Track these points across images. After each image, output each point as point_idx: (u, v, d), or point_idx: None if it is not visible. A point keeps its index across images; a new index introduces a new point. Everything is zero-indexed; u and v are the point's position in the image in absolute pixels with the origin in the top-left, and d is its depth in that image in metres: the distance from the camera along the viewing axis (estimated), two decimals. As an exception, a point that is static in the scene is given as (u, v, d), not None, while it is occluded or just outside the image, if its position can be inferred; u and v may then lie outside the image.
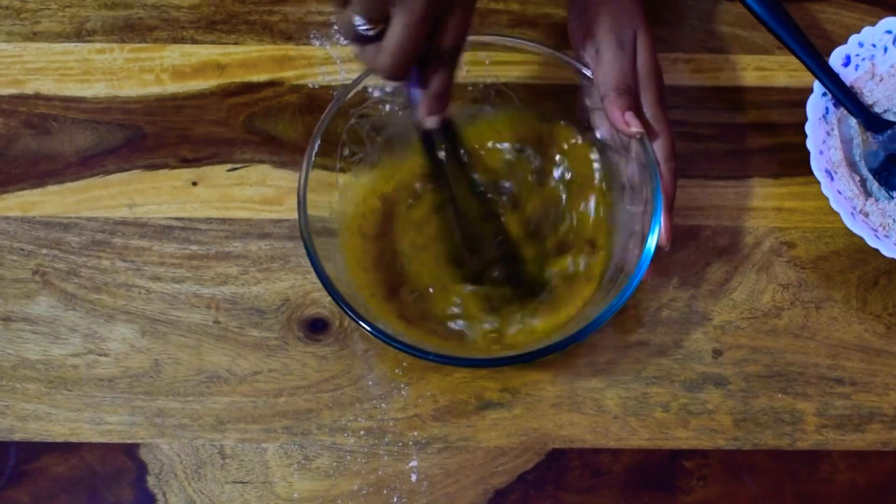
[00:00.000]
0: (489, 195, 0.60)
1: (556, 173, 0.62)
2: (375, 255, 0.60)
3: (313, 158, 0.57)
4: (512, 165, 0.62)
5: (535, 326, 0.59)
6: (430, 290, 0.59)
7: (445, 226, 0.61)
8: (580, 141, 0.62)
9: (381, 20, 0.47)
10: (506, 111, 0.63)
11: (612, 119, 0.58)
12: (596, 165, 0.61)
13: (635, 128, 0.57)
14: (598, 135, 0.60)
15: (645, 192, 0.56)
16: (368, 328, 0.53)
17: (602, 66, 0.59)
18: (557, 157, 0.62)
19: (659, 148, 0.58)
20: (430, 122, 0.53)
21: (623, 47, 0.59)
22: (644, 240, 0.55)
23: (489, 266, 0.59)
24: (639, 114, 0.58)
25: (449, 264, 0.60)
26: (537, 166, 0.62)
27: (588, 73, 0.59)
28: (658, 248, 0.55)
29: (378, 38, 0.48)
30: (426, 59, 0.50)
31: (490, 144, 0.63)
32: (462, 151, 0.57)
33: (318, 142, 0.58)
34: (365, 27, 0.48)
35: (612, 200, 0.60)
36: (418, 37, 0.48)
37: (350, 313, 0.53)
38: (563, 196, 0.61)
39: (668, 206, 0.57)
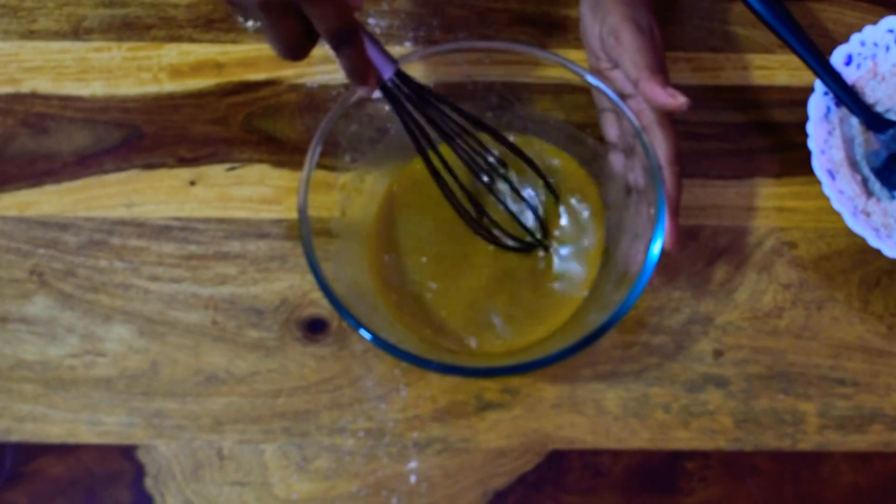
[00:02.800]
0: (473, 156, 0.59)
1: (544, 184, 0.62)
2: (379, 255, 0.60)
3: (314, 162, 0.57)
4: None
5: (537, 329, 0.59)
6: (434, 291, 0.59)
7: (448, 224, 0.61)
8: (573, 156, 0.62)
9: (254, 16, 0.51)
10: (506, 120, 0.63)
11: (653, 98, 0.57)
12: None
13: (682, 98, 0.56)
14: (607, 137, 0.60)
15: (649, 196, 0.56)
16: (369, 336, 0.53)
17: (627, 50, 0.58)
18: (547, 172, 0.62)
19: (663, 152, 0.57)
20: (360, 94, 0.56)
21: (643, 32, 0.59)
22: (648, 244, 0.55)
23: (488, 227, 0.60)
24: (642, 115, 0.58)
25: (454, 265, 0.60)
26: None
27: (591, 78, 0.59)
28: (663, 248, 0.55)
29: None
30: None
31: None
32: (429, 102, 0.57)
33: (320, 147, 0.57)
34: (249, 23, 0.52)
35: (615, 205, 0.60)
36: (282, 24, 0.50)
37: (350, 320, 0.53)
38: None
39: (672, 210, 0.57)
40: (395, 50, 0.69)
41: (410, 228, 0.61)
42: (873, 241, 0.59)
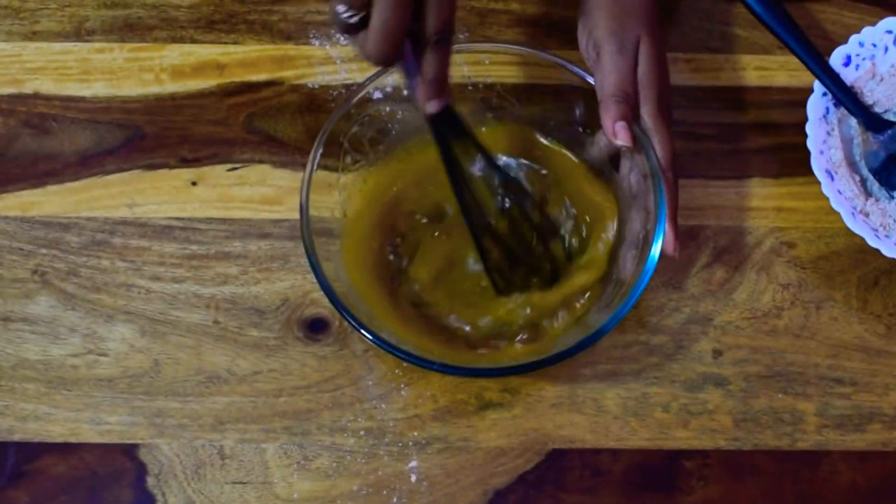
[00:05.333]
0: (499, 190, 0.59)
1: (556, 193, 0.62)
2: (375, 256, 0.60)
3: (316, 163, 0.57)
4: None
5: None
6: (431, 295, 0.59)
7: (448, 226, 0.61)
8: (576, 158, 0.62)
9: (363, 6, 0.48)
10: (507, 121, 0.63)
11: (603, 127, 0.57)
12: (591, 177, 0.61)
13: (622, 140, 0.56)
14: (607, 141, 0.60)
15: (648, 201, 0.56)
16: (370, 337, 0.53)
17: (600, 70, 0.59)
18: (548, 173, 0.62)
19: (657, 158, 0.57)
20: (431, 108, 0.52)
21: (624, 52, 0.58)
22: (648, 247, 0.55)
23: (501, 263, 0.59)
24: (637, 121, 0.58)
25: (452, 269, 0.60)
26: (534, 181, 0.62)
27: (592, 80, 0.59)
28: (663, 253, 0.55)
29: (365, 24, 0.48)
30: (419, 44, 0.50)
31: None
32: (470, 140, 0.56)
33: (321, 149, 0.58)
34: (348, 14, 0.48)
35: (619, 209, 0.60)
36: (399, 18, 0.48)
37: (351, 321, 0.53)
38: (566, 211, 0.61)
39: (670, 215, 0.57)
40: (396, 51, 0.69)
41: (410, 230, 0.61)
42: (872, 241, 0.59)
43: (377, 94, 0.61)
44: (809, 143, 0.61)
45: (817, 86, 0.63)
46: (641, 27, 0.60)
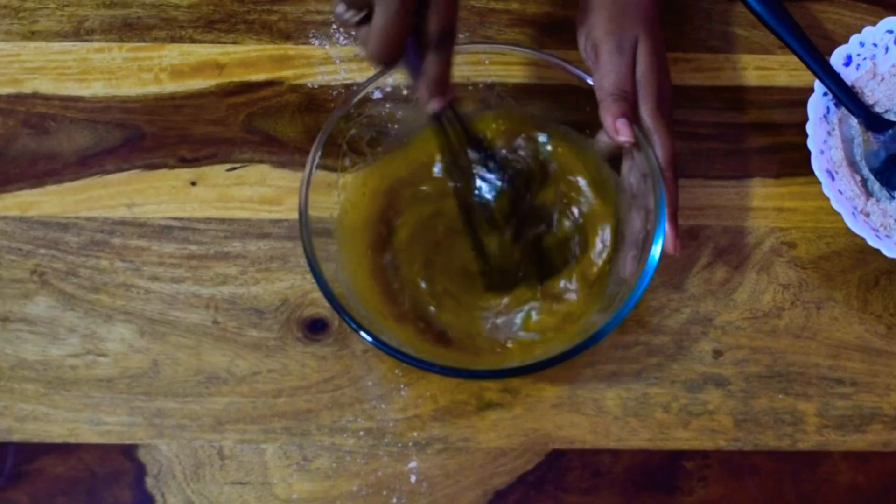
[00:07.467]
0: (500, 187, 0.59)
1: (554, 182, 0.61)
2: (374, 256, 0.60)
3: (315, 163, 0.57)
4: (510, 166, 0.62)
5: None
6: (426, 295, 0.59)
7: (445, 229, 0.61)
8: (579, 149, 0.62)
9: (363, 5, 0.48)
10: (505, 111, 0.63)
11: (604, 125, 0.57)
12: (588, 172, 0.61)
13: (624, 136, 0.57)
14: (608, 140, 0.60)
15: (648, 201, 0.56)
16: (370, 339, 0.53)
17: (599, 70, 0.59)
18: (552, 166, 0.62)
19: (657, 157, 0.57)
20: (432, 106, 0.52)
21: (622, 51, 0.59)
22: (648, 248, 0.55)
23: (499, 264, 0.59)
24: (636, 121, 0.58)
25: (446, 269, 0.60)
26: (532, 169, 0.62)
27: (591, 80, 0.59)
28: (664, 252, 0.55)
29: (368, 20, 0.49)
30: (421, 43, 0.50)
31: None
32: (471, 139, 0.56)
33: (320, 149, 0.57)
34: (349, 14, 0.49)
35: (617, 209, 0.60)
36: (400, 20, 0.48)
37: (351, 323, 0.53)
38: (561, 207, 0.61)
39: (671, 214, 0.57)
40: (396, 50, 0.69)
41: (407, 231, 0.61)
42: (872, 242, 0.59)
43: (377, 94, 0.60)
44: (810, 143, 0.61)
45: (818, 85, 0.63)
46: (640, 27, 0.60)
